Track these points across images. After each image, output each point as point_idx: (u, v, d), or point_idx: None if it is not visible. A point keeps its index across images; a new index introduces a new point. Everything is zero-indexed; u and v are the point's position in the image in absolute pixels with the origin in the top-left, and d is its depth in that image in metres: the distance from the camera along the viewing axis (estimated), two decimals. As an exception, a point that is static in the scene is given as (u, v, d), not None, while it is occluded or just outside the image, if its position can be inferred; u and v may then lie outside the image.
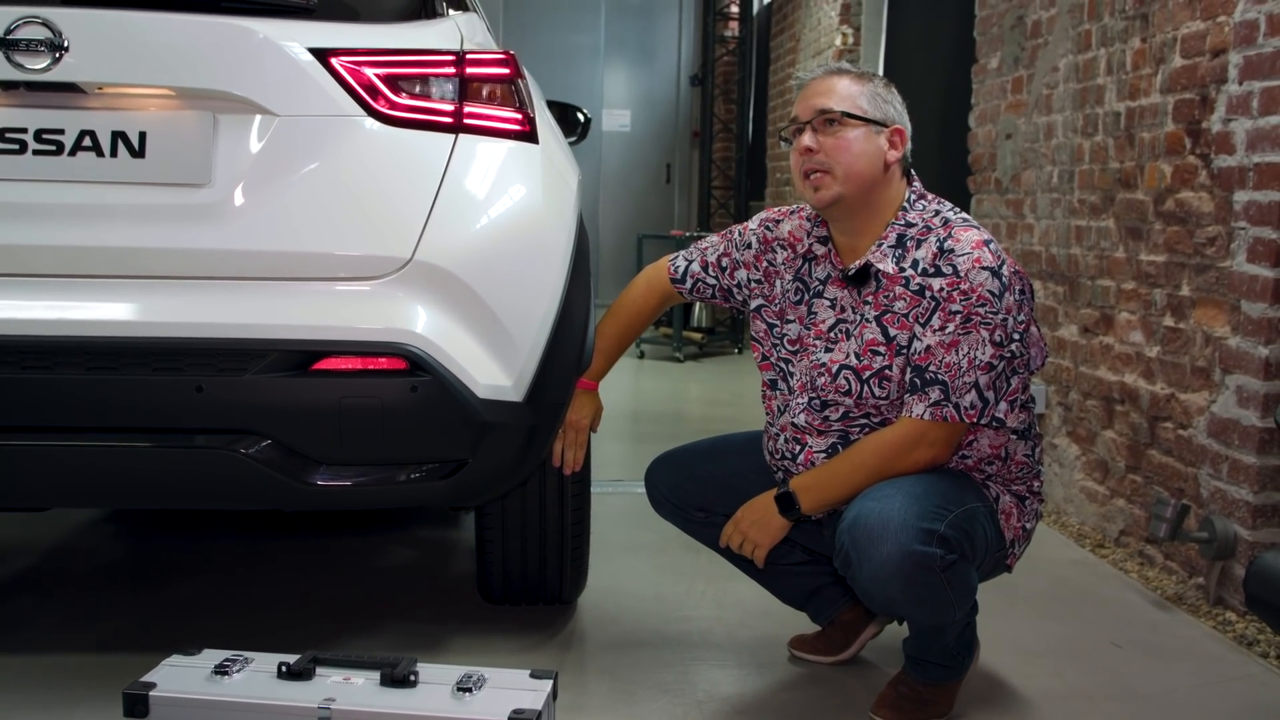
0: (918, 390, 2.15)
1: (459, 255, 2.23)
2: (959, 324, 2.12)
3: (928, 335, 2.15)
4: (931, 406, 2.14)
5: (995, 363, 2.13)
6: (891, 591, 2.08)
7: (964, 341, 2.12)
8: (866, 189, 2.21)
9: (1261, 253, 2.84)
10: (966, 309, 2.12)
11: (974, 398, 2.13)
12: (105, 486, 2.24)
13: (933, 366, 2.14)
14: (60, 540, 3.38)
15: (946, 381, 2.13)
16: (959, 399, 2.13)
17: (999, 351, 2.13)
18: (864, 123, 2.21)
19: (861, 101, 2.22)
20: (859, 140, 2.20)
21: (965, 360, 2.12)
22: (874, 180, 2.22)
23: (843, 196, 2.21)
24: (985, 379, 2.13)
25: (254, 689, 1.96)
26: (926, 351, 2.15)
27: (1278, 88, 2.78)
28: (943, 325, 2.13)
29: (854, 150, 2.20)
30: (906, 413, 2.17)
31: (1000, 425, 2.18)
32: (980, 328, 2.12)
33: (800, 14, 8.05)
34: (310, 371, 2.15)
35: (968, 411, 2.13)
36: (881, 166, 2.22)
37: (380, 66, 2.24)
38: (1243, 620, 2.88)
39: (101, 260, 2.18)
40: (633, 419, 5.67)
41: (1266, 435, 2.84)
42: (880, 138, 2.22)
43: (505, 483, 2.38)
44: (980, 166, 4.70)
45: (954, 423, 2.14)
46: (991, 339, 2.12)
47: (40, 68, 2.13)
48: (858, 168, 2.20)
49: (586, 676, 2.49)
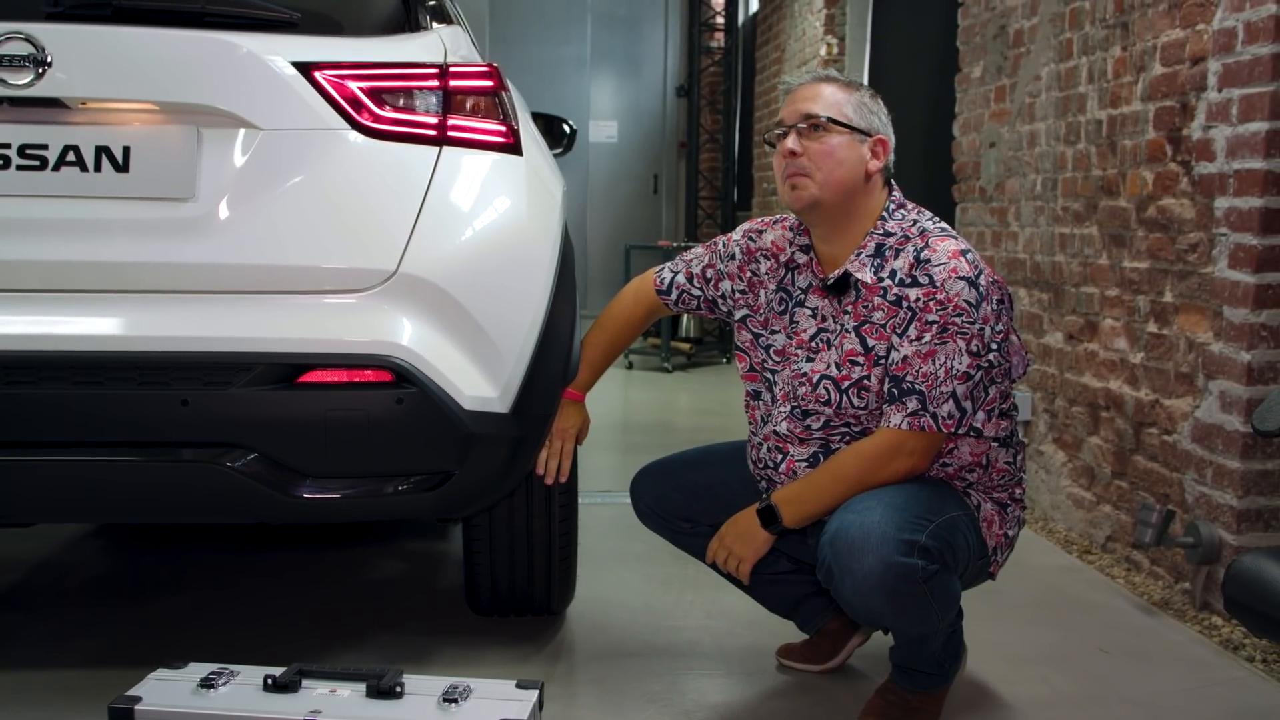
0: (895, 400, 2.16)
1: (444, 267, 2.24)
2: (935, 334, 2.13)
3: (905, 345, 2.15)
4: (909, 416, 2.14)
5: (972, 372, 2.13)
6: (874, 604, 2.08)
7: (940, 351, 2.13)
8: (845, 196, 2.23)
9: (1243, 258, 2.86)
10: (943, 319, 2.12)
11: (951, 407, 2.13)
12: (91, 501, 2.24)
13: (910, 376, 2.14)
14: (46, 555, 3.37)
15: (924, 391, 2.13)
16: (936, 409, 2.13)
17: (976, 361, 2.13)
18: (848, 130, 2.22)
19: (847, 110, 2.23)
20: (841, 147, 2.21)
21: (942, 370, 2.13)
22: (854, 188, 2.23)
23: (820, 201, 2.22)
24: (963, 389, 2.13)
25: (240, 702, 1.96)
26: (904, 361, 2.15)
27: (1257, 95, 2.80)
28: (919, 335, 2.14)
29: (836, 156, 2.21)
30: (885, 423, 2.17)
31: (978, 435, 2.19)
32: (957, 337, 2.12)
33: (785, 24, 8.08)
34: (296, 384, 2.15)
35: (945, 421, 2.13)
36: (862, 175, 2.23)
37: (364, 80, 2.25)
38: (1229, 625, 2.89)
39: (86, 275, 2.17)
40: (621, 429, 5.67)
41: (1250, 440, 2.85)
42: (863, 147, 2.23)
43: (492, 494, 2.38)
44: (964, 175, 4.72)
45: (931, 432, 2.14)
46: (968, 349, 2.13)
47: (23, 83, 2.13)
48: (838, 174, 2.21)
49: (575, 687, 2.50)
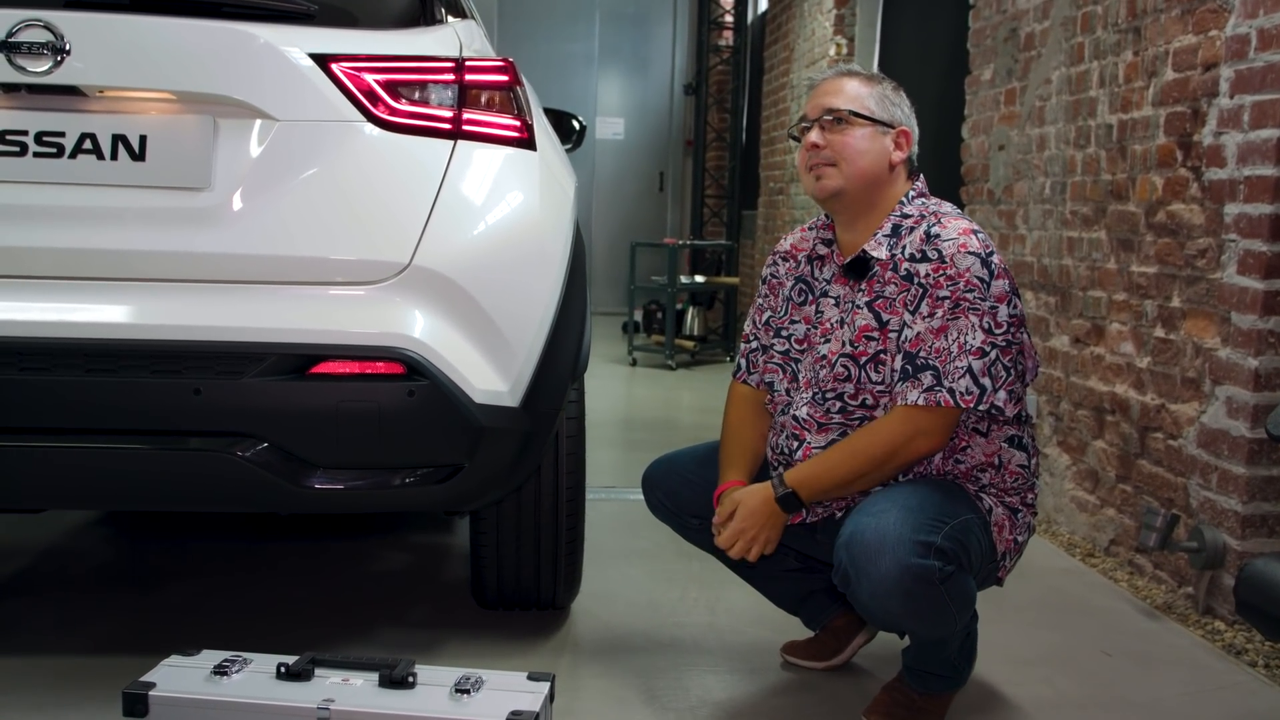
0: (910, 377, 2.16)
1: (457, 261, 2.24)
2: (948, 310, 2.14)
3: (917, 322, 2.17)
4: (925, 392, 2.14)
5: (986, 348, 2.13)
6: (892, 606, 2.07)
7: (953, 327, 2.13)
8: (868, 186, 2.25)
9: (1252, 265, 2.86)
10: (954, 294, 2.13)
11: (969, 382, 2.12)
12: (102, 488, 2.25)
13: (923, 353, 2.15)
14: (55, 542, 3.38)
15: (938, 367, 2.14)
16: (953, 384, 2.13)
17: (989, 339, 2.13)
18: (870, 123, 2.25)
19: (869, 102, 2.26)
20: (864, 139, 2.24)
21: (955, 345, 2.13)
22: (877, 178, 2.25)
23: (843, 190, 2.25)
24: (979, 364, 2.13)
25: (253, 689, 1.97)
26: (916, 338, 2.16)
27: (1268, 101, 2.81)
28: (931, 311, 2.15)
29: (859, 148, 2.24)
30: (900, 400, 2.17)
31: (999, 414, 2.16)
32: (969, 313, 2.13)
33: (794, 24, 8.07)
34: (308, 375, 2.16)
35: (964, 396, 2.12)
36: (886, 166, 2.26)
37: (380, 72, 2.26)
38: (1231, 629, 2.90)
39: (101, 263, 2.18)
40: (625, 426, 5.69)
41: (1256, 446, 2.86)
42: (886, 138, 2.26)
43: (501, 488, 2.39)
44: (973, 177, 4.73)
45: (948, 407, 2.13)
46: (981, 325, 2.13)
47: (42, 70, 2.14)
48: (861, 164, 2.24)
49: (579, 682, 2.50)
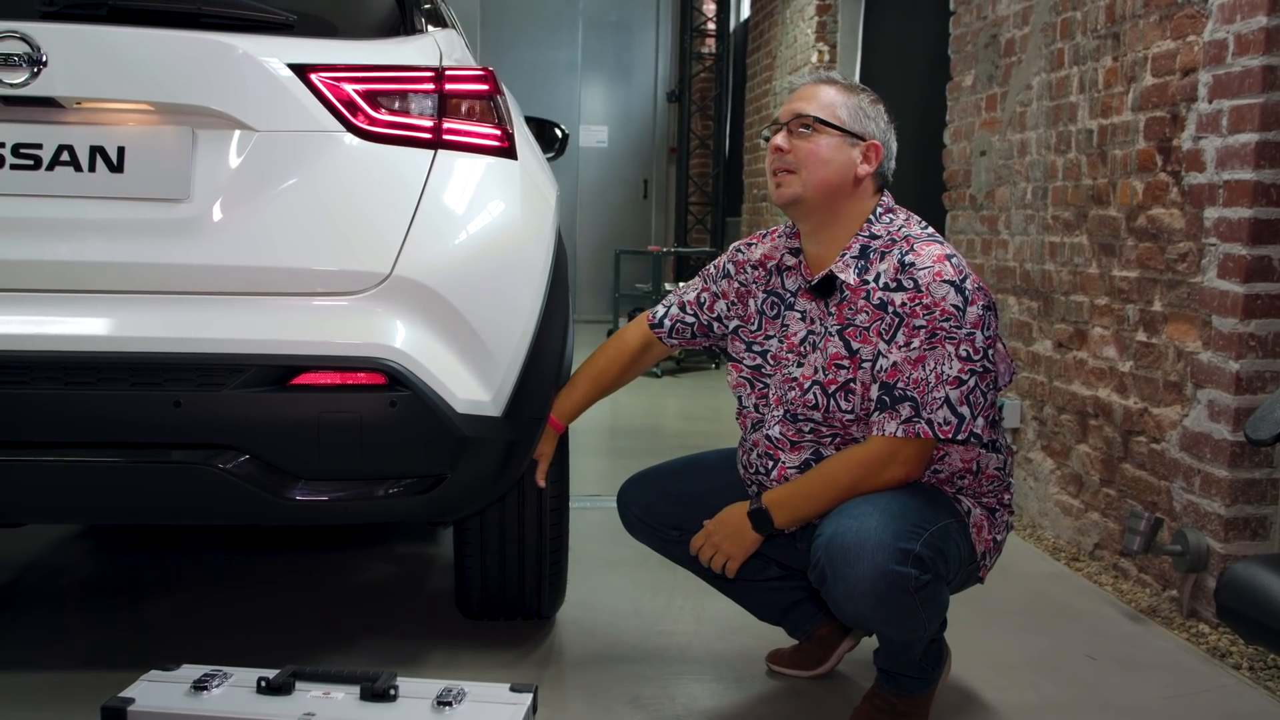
0: (887, 408, 2.14)
1: (438, 270, 2.24)
2: (924, 339, 2.12)
3: (893, 352, 2.14)
4: (904, 424, 2.13)
5: (964, 377, 2.12)
6: (864, 609, 2.08)
7: (930, 357, 2.12)
8: (829, 196, 2.22)
9: (1232, 268, 2.87)
10: (930, 324, 2.12)
11: (947, 413, 2.12)
12: (83, 502, 2.24)
13: (900, 383, 2.13)
14: (35, 556, 3.36)
15: (916, 398, 2.12)
16: (931, 415, 2.12)
17: (966, 366, 2.12)
18: (839, 133, 2.22)
19: (840, 112, 2.23)
20: (830, 148, 2.21)
21: (933, 375, 2.12)
22: (839, 190, 2.23)
23: (801, 198, 2.23)
24: (956, 394, 2.12)
25: (233, 704, 1.96)
26: (893, 368, 2.14)
27: (1247, 106, 2.82)
28: (908, 341, 2.13)
29: (821, 156, 2.21)
30: (878, 431, 2.15)
31: (978, 441, 2.17)
32: (945, 342, 2.12)
33: (776, 31, 8.10)
34: (289, 386, 2.15)
35: (942, 428, 2.12)
36: (850, 178, 2.23)
37: (359, 82, 2.25)
38: (1215, 632, 2.91)
39: (79, 275, 2.17)
40: (610, 434, 5.67)
41: (1238, 449, 2.87)
42: (854, 150, 2.23)
43: (484, 498, 2.38)
44: (955, 183, 4.74)
45: (927, 439, 2.13)
46: (958, 353, 2.12)
47: (18, 82, 2.13)
48: (822, 174, 2.21)
49: (565, 691, 2.50)
